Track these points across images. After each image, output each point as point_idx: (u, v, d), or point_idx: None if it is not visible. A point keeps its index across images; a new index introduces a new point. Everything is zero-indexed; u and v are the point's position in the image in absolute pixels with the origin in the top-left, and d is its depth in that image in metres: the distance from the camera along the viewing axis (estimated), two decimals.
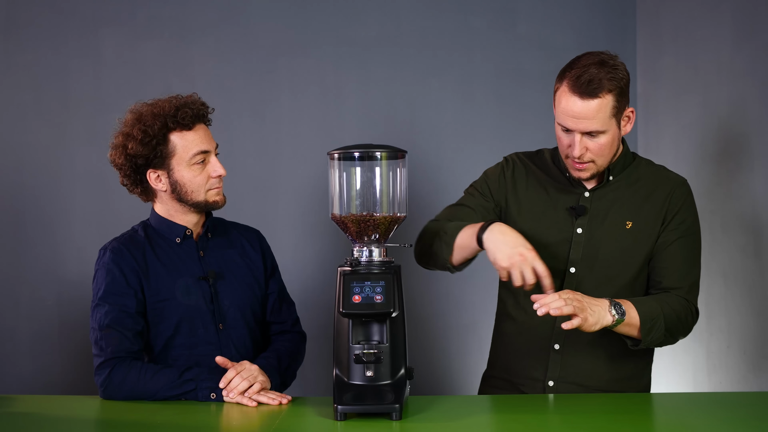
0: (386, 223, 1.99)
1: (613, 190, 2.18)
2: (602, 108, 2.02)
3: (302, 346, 2.37)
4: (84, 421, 1.99)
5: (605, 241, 2.15)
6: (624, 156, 2.19)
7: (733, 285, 2.73)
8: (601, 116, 2.03)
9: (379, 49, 3.37)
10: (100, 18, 3.31)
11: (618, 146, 2.15)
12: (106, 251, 2.21)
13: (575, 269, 2.16)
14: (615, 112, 2.05)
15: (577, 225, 2.17)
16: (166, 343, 2.20)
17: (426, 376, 3.35)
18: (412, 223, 2.27)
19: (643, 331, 2.04)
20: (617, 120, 2.07)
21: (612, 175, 2.17)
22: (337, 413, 1.86)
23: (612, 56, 2.08)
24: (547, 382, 2.18)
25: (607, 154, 2.11)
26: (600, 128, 2.04)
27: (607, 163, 2.14)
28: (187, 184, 2.20)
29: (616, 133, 2.09)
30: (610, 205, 2.17)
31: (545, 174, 2.24)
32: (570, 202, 2.19)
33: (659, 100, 3.25)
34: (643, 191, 2.18)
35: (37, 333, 3.29)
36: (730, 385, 2.73)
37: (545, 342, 2.18)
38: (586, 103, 2.02)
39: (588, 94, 2.01)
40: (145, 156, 2.17)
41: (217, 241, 2.30)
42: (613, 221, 2.16)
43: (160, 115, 2.17)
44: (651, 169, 2.22)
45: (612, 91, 2.02)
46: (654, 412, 1.98)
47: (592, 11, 3.40)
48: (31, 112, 3.30)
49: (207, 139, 2.22)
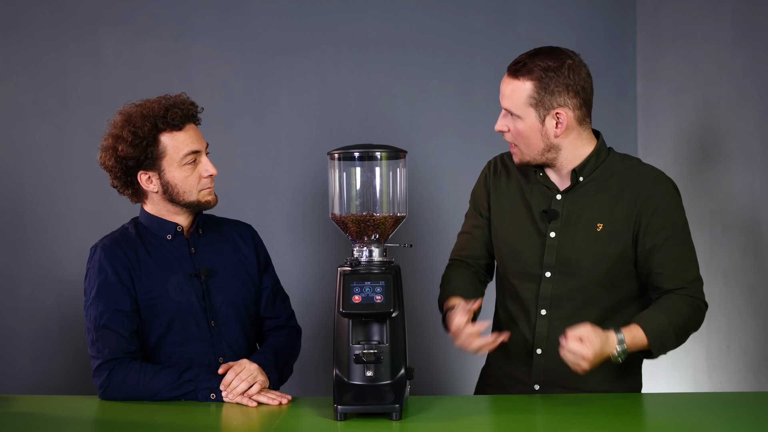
0: (386, 223, 1.99)
1: (584, 191, 2.15)
2: (516, 90, 2.09)
3: (298, 340, 2.36)
4: (84, 421, 1.99)
5: (577, 244, 2.13)
6: (596, 154, 2.14)
7: (733, 285, 2.73)
8: (515, 98, 2.09)
9: (379, 49, 3.37)
10: (100, 18, 3.31)
11: (547, 143, 2.11)
12: (97, 249, 2.20)
13: (550, 273, 2.15)
14: (532, 102, 2.07)
15: (550, 229, 2.16)
16: (158, 341, 2.18)
17: (426, 376, 3.35)
18: (412, 223, 2.27)
19: (654, 347, 2.02)
20: (537, 113, 2.08)
21: (582, 176, 2.14)
22: (337, 413, 1.86)
23: (569, 57, 2.09)
24: (533, 386, 2.18)
25: (525, 143, 2.11)
26: (512, 109, 2.10)
27: (535, 155, 2.12)
28: (179, 185, 2.19)
29: (535, 125, 2.09)
30: (581, 208, 2.15)
31: (524, 176, 2.24)
32: (544, 204, 2.18)
33: (659, 100, 3.25)
34: (614, 190, 2.14)
35: (37, 333, 3.29)
36: (730, 385, 2.73)
37: (528, 347, 2.19)
38: (510, 81, 2.11)
39: (514, 73, 2.11)
40: (135, 158, 2.16)
41: (209, 238, 2.29)
42: (584, 224, 2.14)
43: (150, 116, 2.16)
44: (625, 165, 2.17)
45: (532, 80, 2.07)
46: (654, 412, 1.98)
47: (592, 11, 3.40)
48: (31, 112, 3.30)
49: (197, 139, 2.21)
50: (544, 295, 2.16)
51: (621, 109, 3.37)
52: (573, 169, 2.13)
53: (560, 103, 2.07)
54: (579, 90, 2.08)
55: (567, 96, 2.07)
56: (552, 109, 2.07)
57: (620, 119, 3.37)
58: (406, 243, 2.05)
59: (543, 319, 2.16)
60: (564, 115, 2.08)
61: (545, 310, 2.16)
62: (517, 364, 2.21)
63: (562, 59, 2.08)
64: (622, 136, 3.35)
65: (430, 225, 3.32)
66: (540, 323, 2.16)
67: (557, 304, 2.15)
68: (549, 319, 2.15)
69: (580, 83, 2.08)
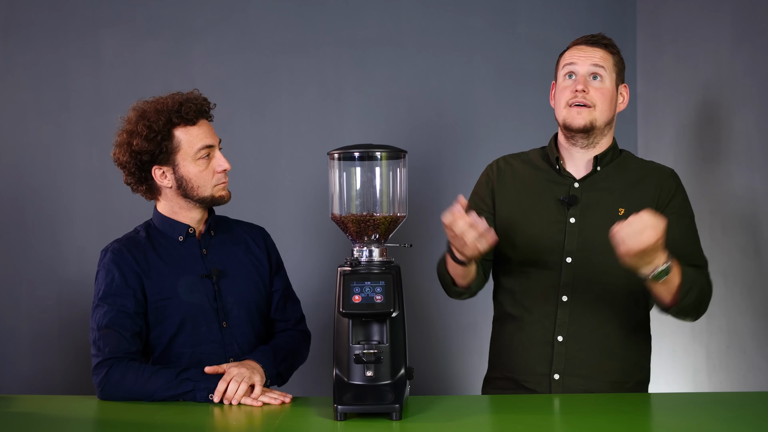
0: (386, 223, 1.99)
1: (602, 179, 2.23)
2: (606, 57, 2.22)
3: (304, 344, 2.36)
4: (83, 421, 1.99)
5: (599, 229, 2.15)
6: (612, 149, 2.26)
7: (733, 285, 2.73)
8: (606, 61, 2.22)
9: (379, 49, 3.37)
10: (100, 18, 3.31)
11: (613, 114, 2.24)
12: (107, 252, 2.21)
13: (571, 259, 2.17)
14: (616, 69, 2.23)
15: (570, 215, 2.19)
16: (169, 342, 2.19)
17: (426, 376, 3.35)
18: (412, 223, 2.27)
19: (681, 292, 2.05)
20: (616, 81, 2.23)
21: (600, 165, 2.23)
22: (337, 413, 1.86)
23: None
24: (553, 376, 2.19)
25: (606, 105, 2.21)
26: (606, 67, 2.21)
27: (604, 122, 2.21)
28: (193, 179, 2.20)
29: (613, 93, 2.23)
30: (600, 194, 2.21)
31: (534, 169, 2.28)
32: (560, 193, 2.22)
33: (659, 100, 3.25)
34: (633, 179, 2.23)
35: (37, 333, 3.29)
36: (730, 385, 2.73)
37: (548, 335, 2.19)
38: (593, 49, 2.23)
39: (594, 44, 2.23)
40: (150, 152, 2.17)
41: (221, 239, 2.30)
42: (605, 209, 2.18)
43: (164, 111, 2.17)
44: (639, 162, 2.30)
45: (614, 54, 2.24)
46: (654, 412, 1.98)
47: (592, 11, 3.40)
48: (31, 112, 3.30)
49: (211, 134, 2.23)
50: (566, 282, 2.17)
51: None
52: (595, 155, 2.22)
53: (623, 79, 2.26)
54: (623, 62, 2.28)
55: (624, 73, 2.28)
56: (621, 83, 2.26)
57: (620, 119, 3.34)
58: (406, 243, 2.05)
59: (564, 306, 2.17)
60: (626, 92, 2.27)
61: (566, 296, 2.17)
62: (534, 356, 2.21)
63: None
64: (622, 136, 3.34)
65: (430, 225, 3.31)
66: (561, 310, 2.17)
67: (580, 289, 2.17)
68: (570, 306, 2.17)
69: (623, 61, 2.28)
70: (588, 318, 2.17)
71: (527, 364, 2.22)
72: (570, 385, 2.17)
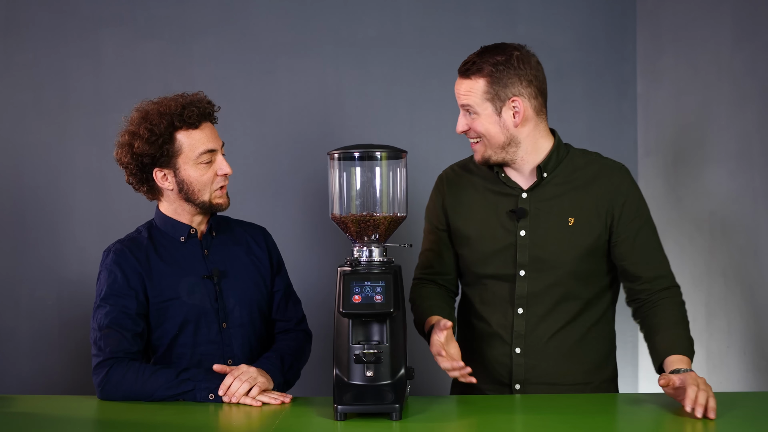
0: (386, 223, 1.99)
1: (549, 188, 2.18)
2: (471, 88, 2.14)
3: (307, 344, 2.36)
4: (83, 421, 1.99)
5: (550, 240, 2.15)
6: (556, 150, 2.19)
7: (733, 285, 2.73)
8: (471, 95, 2.13)
9: (379, 49, 3.37)
10: (100, 18, 3.31)
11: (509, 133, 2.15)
12: (109, 253, 2.22)
13: (524, 272, 2.16)
14: (488, 96, 2.12)
15: (520, 228, 2.17)
16: (170, 343, 2.20)
17: (426, 376, 3.35)
18: (412, 223, 2.27)
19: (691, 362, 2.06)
20: (494, 105, 2.13)
21: (546, 172, 2.18)
22: (337, 413, 1.86)
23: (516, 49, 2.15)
24: (514, 386, 2.19)
25: (487, 138, 2.15)
26: (470, 106, 2.14)
27: (498, 146, 2.15)
28: (193, 183, 2.20)
29: (493, 118, 2.14)
30: (549, 204, 2.17)
31: (482, 179, 2.26)
32: (510, 205, 2.20)
33: (659, 100, 3.25)
34: (581, 184, 2.18)
35: (37, 333, 3.29)
36: (730, 385, 2.73)
37: (506, 348, 2.19)
38: (461, 81, 2.16)
39: (463, 74, 2.16)
40: (151, 155, 2.17)
41: (222, 239, 2.30)
42: (554, 220, 2.16)
43: (167, 114, 2.17)
44: (586, 159, 2.22)
45: (483, 77, 2.12)
46: (654, 411, 1.98)
47: (592, 11, 3.40)
48: (31, 112, 3.30)
49: (213, 138, 2.22)
50: (520, 294, 2.17)
51: (621, 109, 3.36)
52: (537, 165, 2.17)
53: (515, 93, 2.12)
54: (531, 78, 2.14)
55: (521, 86, 2.13)
56: (507, 99, 2.13)
57: (620, 119, 3.37)
58: (406, 243, 2.05)
59: (520, 318, 2.17)
60: (520, 104, 2.13)
61: (522, 308, 2.17)
62: (495, 366, 2.21)
63: (509, 52, 2.13)
64: (622, 136, 3.34)
65: None
66: (518, 322, 2.17)
67: (534, 302, 2.17)
68: (526, 317, 2.17)
69: (532, 72, 2.14)
70: (543, 329, 2.17)
71: (488, 374, 2.22)
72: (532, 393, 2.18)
